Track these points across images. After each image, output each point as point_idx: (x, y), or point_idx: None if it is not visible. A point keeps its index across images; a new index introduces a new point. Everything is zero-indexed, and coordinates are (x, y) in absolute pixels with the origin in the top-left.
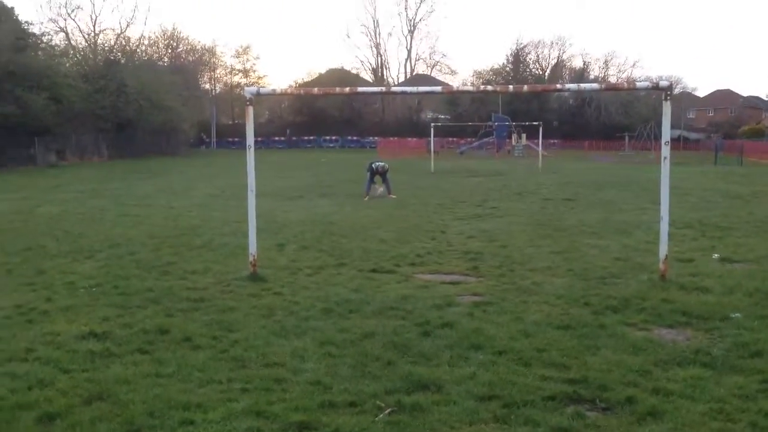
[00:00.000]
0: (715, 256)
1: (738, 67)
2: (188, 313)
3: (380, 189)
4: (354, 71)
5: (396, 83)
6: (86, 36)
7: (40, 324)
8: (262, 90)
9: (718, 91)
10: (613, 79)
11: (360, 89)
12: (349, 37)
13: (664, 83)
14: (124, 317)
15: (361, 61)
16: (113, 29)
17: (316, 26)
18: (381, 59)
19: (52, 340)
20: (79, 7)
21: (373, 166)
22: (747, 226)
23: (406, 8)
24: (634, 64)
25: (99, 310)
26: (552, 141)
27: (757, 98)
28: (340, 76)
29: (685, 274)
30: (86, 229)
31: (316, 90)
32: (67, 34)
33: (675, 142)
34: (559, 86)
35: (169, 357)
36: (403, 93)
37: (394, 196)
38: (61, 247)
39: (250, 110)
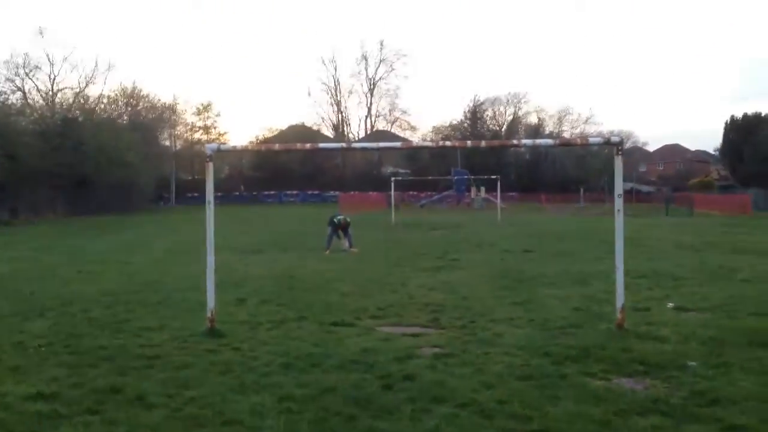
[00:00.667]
0: (670, 305)
1: (685, 123)
2: (142, 371)
3: (344, 243)
4: (315, 127)
5: (357, 139)
6: (44, 95)
7: None
8: (222, 147)
9: (666, 145)
10: (567, 134)
11: (321, 145)
12: (310, 95)
13: (615, 139)
14: (75, 377)
15: (322, 118)
16: (72, 88)
17: (277, 83)
18: (342, 116)
19: None
20: (37, 67)
21: (335, 220)
22: (699, 275)
23: (366, 68)
24: (587, 120)
25: (48, 370)
26: (510, 194)
27: (705, 152)
28: (301, 132)
29: (642, 323)
30: (38, 287)
31: (276, 146)
32: (24, 93)
33: (628, 194)
34: (515, 141)
35: (121, 417)
36: (364, 149)
37: (355, 250)
38: (10, 306)
39: (210, 167)
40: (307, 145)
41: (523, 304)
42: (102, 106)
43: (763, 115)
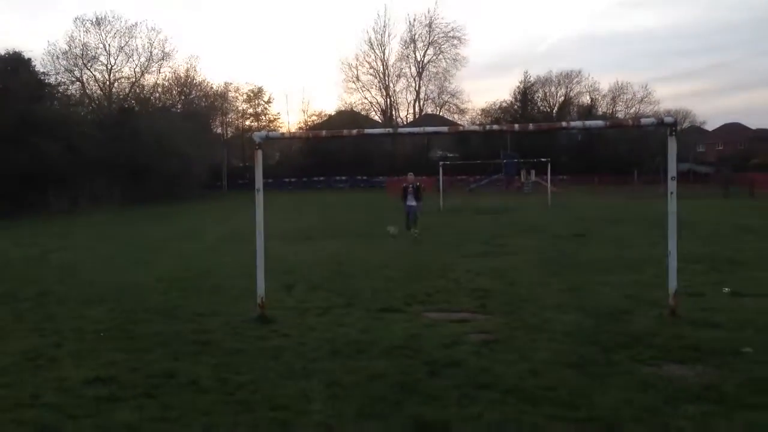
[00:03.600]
0: (726, 290)
1: (747, 101)
2: (195, 356)
3: (391, 229)
4: (363, 112)
5: (405, 123)
6: (101, 85)
7: (48, 369)
8: (271, 134)
9: (726, 124)
10: (621, 114)
11: (367, 131)
12: (359, 80)
13: (668, 119)
14: (131, 361)
15: (371, 103)
16: (128, 78)
17: (326, 68)
18: (390, 100)
19: (58, 386)
20: (95, 58)
21: (405, 186)
22: (758, 260)
23: (414, 50)
24: (642, 99)
25: (106, 355)
26: (561, 177)
27: (766, 131)
28: (350, 118)
29: (696, 309)
30: (96, 274)
31: (324, 133)
32: (83, 83)
33: (684, 175)
34: (564, 124)
35: (175, 401)
36: (411, 134)
37: (417, 232)
38: (70, 293)
39: (259, 154)
40: (354, 131)
41: (572, 290)
42: (157, 95)
43: None
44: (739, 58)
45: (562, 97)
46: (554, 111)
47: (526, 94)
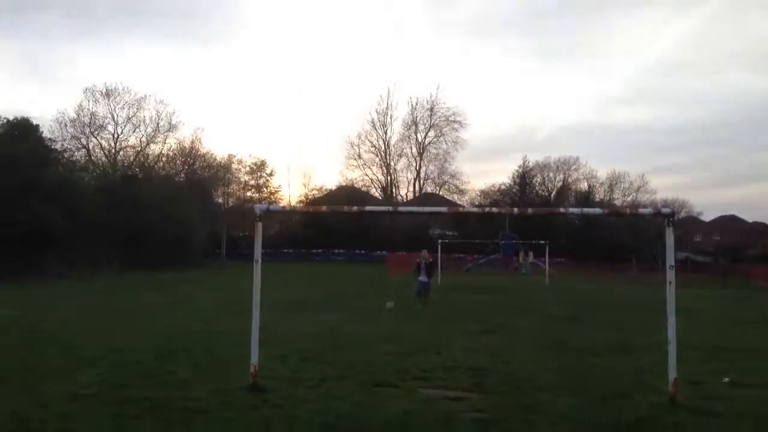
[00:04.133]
0: (725, 379)
1: (742, 194)
2: (185, 424)
3: (389, 304)
4: (364, 188)
5: (405, 201)
6: (107, 153)
7: None
8: (272, 207)
9: (722, 216)
10: (618, 202)
11: (368, 208)
12: (360, 157)
13: (666, 210)
14: (120, 428)
15: (371, 180)
16: (133, 147)
17: (328, 143)
18: (390, 178)
19: None
20: (102, 126)
21: (419, 262)
22: (757, 350)
23: (416, 132)
24: (638, 189)
25: (96, 420)
26: (559, 259)
27: (763, 224)
28: (350, 193)
29: (695, 398)
30: (89, 339)
31: (324, 208)
32: (88, 150)
33: (682, 264)
34: (562, 210)
35: None
36: (410, 213)
37: (425, 305)
38: (61, 357)
39: (259, 226)
40: (354, 208)
41: (568, 372)
42: (161, 164)
43: None
44: (734, 153)
45: (561, 183)
46: (552, 195)
47: (524, 177)
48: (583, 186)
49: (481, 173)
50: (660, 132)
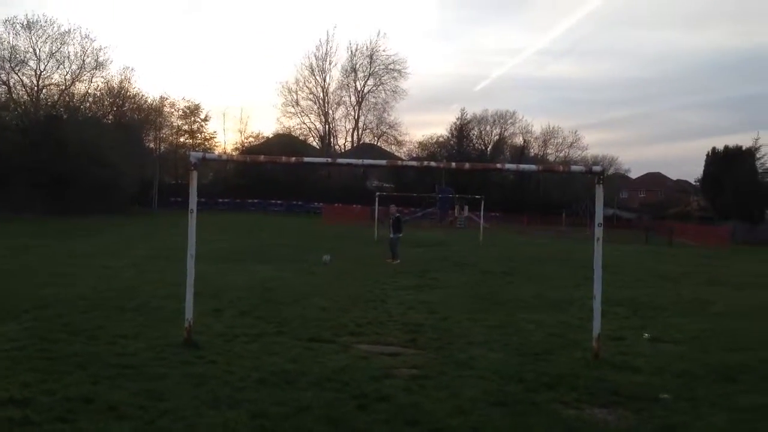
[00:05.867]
0: (646, 335)
1: (668, 151)
2: (115, 380)
3: (326, 257)
4: (302, 137)
5: (343, 150)
6: (29, 90)
7: None
8: (207, 155)
9: (648, 173)
10: (551, 157)
11: (306, 159)
12: (298, 104)
13: (596, 168)
14: (47, 383)
15: (309, 128)
16: (58, 85)
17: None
18: (329, 127)
19: None
20: (23, 62)
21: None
22: (676, 306)
23: (355, 80)
24: (571, 144)
25: (21, 375)
26: (493, 213)
27: (686, 182)
28: (288, 142)
29: (617, 353)
30: (13, 287)
31: (262, 158)
32: (9, 87)
33: (609, 220)
34: (498, 165)
35: (91, 427)
36: (349, 165)
37: (397, 261)
38: None
39: (194, 175)
40: (293, 159)
41: (499, 328)
42: (87, 104)
43: (744, 148)
44: (662, 111)
45: (497, 136)
46: (489, 149)
47: (462, 130)
48: (519, 140)
49: (419, 124)
50: (594, 87)
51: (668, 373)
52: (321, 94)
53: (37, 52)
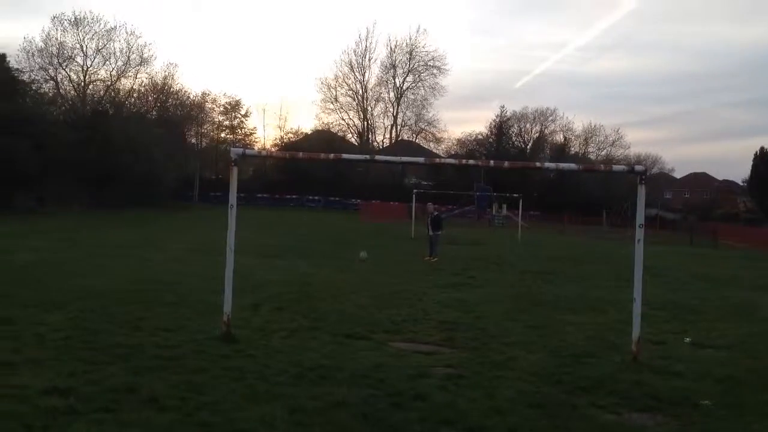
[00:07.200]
0: (687, 339)
1: (713, 151)
2: (157, 371)
3: (363, 254)
4: (340, 133)
5: (381, 147)
6: (76, 86)
7: (5, 376)
8: (248, 151)
9: (693, 173)
10: (593, 156)
11: (344, 156)
12: (337, 100)
13: (639, 168)
14: (91, 373)
15: (348, 125)
16: (103, 81)
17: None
18: (367, 123)
19: (16, 394)
20: (71, 58)
21: (434, 216)
22: (720, 310)
23: (394, 76)
24: (613, 143)
25: (66, 365)
26: (532, 212)
27: (732, 182)
28: (327, 138)
29: (657, 357)
30: (59, 279)
31: (301, 154)
32: (57, 83)
33: (652, 220)
34: (538, 164)
35: (134, 418)
36: (387, 162)
37: (435, 259)
38: (31, 297)
39: (235, 171)
40: (331, 156)
41: (538, 328)
42: (132, 100)
43: None
44: (707, 108)
45: (537, 134)
46: (528, 147)
47: (501, 128)
48: (559, 138)
49: (458, 121)
50: (637, 84)
51: (710, 379)
52: (360, 91)
53: (84, 49)
